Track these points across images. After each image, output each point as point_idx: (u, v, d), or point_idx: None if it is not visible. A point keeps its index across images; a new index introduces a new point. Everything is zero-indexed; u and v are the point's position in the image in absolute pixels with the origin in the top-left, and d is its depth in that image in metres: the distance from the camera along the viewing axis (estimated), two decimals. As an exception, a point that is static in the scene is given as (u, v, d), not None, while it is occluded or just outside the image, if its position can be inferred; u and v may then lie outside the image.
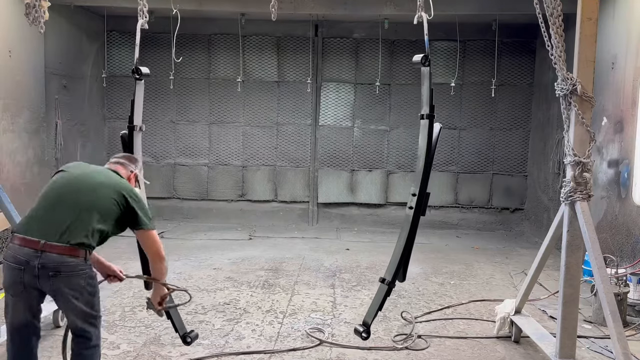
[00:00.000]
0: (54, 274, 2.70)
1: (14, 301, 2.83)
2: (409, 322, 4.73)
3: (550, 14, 3.46)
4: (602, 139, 6.22)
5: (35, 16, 3.73)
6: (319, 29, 9.19)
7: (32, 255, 2.70)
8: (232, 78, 9.18)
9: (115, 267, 3.32)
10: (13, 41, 6.57)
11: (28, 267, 2.70)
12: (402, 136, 9.31)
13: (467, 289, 5.84)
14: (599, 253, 3.48)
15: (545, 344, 3.86)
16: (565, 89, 3.56)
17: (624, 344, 3.24)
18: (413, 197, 3.30)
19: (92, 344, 2.92)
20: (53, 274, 2.70)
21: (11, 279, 2.77)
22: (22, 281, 2.74)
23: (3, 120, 6.42)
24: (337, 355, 4.06)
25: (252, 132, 9.45)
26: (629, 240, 5.55)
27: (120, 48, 9.27)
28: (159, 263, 3.12)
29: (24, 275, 2.72)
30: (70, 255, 2.73)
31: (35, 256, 2.69)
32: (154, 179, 9.30)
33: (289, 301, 5.25)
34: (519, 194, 9.30)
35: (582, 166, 3.58)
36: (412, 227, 3.27)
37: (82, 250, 2.77)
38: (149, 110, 9.19)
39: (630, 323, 4.69)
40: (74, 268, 2.75)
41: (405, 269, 3.35)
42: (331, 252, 7.40)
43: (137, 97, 3.38)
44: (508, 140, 9.29)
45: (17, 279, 2.74)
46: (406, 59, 8.99)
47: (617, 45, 6.00)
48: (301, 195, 9.47)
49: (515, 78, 9.13)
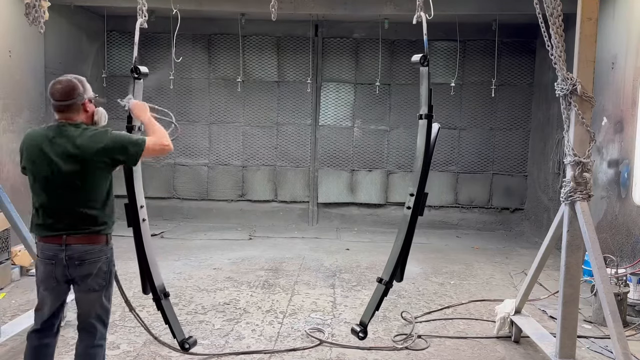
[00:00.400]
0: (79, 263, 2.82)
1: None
2: (409, 322, 4.73)
3: (550, 14, 3.46)
4: (602, 139, 6.22)
5: (35, 16, 3.73)
6: (319, 29, 9.19)
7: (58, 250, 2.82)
8: (232, 78, 9.18)
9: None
10: (13, 41, 6.57)
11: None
12: (402, 136, 9.31)
13: (467, 289, 5.84)
14: (599, 253, 3.48)
15: (545, 344, 3.86)
16: (565, 89, 3.56)
17: (624, 344, 3.24)
18: (411, 197, 3.30)
19: (98, 344, 2.95)
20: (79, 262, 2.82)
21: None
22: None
23: (3, 120, 6.42)
24: (337, 355, 4.06)
25: (252, 132, 9.45)
26: (629, 240, 5.55)
27: (120, 48, 9.27)
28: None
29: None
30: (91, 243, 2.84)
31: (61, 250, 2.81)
32: (154, 179, 9.31)
33: (289, 301, 5.25)
34: (519, 194, 9.30)
35: (582, 166, 3.58)
36: (410, 227, 3.27)
37: (102, 236, 2.87)
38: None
39: (630, 323, 4.69)
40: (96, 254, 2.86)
41: (403, 269, 3.35)
42: (331, 252, 7.40)
43: (136, 96, 3.37)
44: (508, 140, 9.29)
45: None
46: (406, 59, 8.98)
47: (617, 45, 6.00)
48: (301, 195, 9.47)
49: (515, 78, 9.13)
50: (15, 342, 4.07)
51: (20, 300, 5.10)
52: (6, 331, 3.89)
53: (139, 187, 3.36)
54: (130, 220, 3.32)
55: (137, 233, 3.34)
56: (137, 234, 3.33)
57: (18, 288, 5.48)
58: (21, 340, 4.14)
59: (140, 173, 3.39)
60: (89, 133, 2.81)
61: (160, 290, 3.42)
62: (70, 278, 2.86)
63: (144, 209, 3.40)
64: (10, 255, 5.63)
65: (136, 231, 3.33)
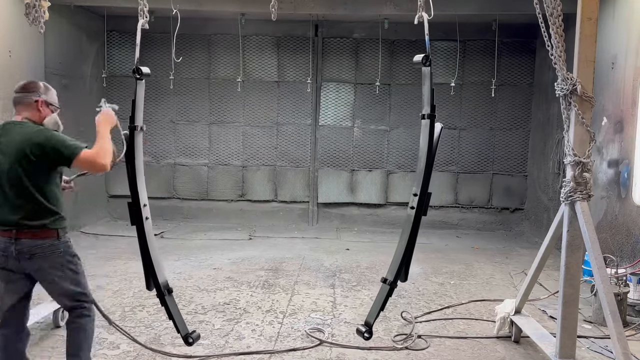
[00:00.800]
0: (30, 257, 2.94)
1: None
2: (409, 322, 4.73)
3: (550, 14, 3.46)
4: (602, 139, 6.22)
5: (35, 16, 3.73)
6: (319, 29, 9.19)
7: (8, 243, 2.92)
8: (232, 78, 9.18)
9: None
10: (13, 41, 6.57)
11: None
12: (402, 136, 9.31)
13: (467, 289, 5.84)
14: (599, 253, 3.48)
15: (545, 344, 3.86)
16: (565, 89, 3.56)
17: (624, 344, 3.24)
18: (414, 197, 3.30)
19: (86, 314, 3.08)
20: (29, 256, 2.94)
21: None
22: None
23: (2, 121, 6.41)
24: (337, 355, 4.06)
25: (252, 132, 9.45)
26: (629, 240, 5.55)
27: (120, 48, 9.27)
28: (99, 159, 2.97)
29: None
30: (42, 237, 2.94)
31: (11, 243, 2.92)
32: (154, 179, 9.32)
33: (289, 301, 5.26)
34: (519, 194, 9.30)
35: (582, 166, 3.58)
36: (414, 227, 3.27)
37: (52, 230, 2.96)
38: (149, 110, 9.19)
39: (630, 323, 4.69)
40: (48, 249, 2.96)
41: (407, 269, 3.35)
42: (331, 252, 7.40)
43: (138, 97, 3.37)
44: (508, 140, 9.29)
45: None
46: (406, 59, 9.00)
47: (617, 45, 6.00)
48: (301, 195, 9.48)
49: (515, 78, 9.13)
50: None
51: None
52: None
53: (141, 185, 3.37)
54: (134, 219, 3.34)
55: (140, 231, 3.35)
56: (141, 231, 3.35)
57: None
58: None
59: (142, 172, 3.40)
60: (31, 129, 2.96)
61: (164, 286, 3.43)
62: (26, 272, 2.99)
63: (146, 207, 3.41)
64: None
65: (139, 229, 3.34)
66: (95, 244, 7.58)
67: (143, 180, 3.42)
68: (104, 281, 5.75)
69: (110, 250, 7.20)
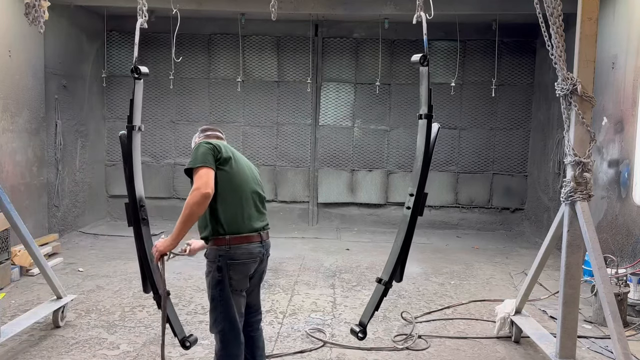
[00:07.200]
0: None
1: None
2: (409, 322, 4.72)
3: (550, 13, 3.46)
4: (602, 139, 6.22)
5: (35, 16, 3.72)
6: (319, 29, 9.18)
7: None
8: (232, 78, 9.18)
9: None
10: (13, 41, 6.57)
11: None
12: (402, 136, 9.31)
13: (467, 289, 5.84)
14: (599, 253, 3.47)
15: (546, 344, 3.86)
16: (566, 88, 3.56)
17: (624, 344, 3.23)
18: (411, 197, 3.28)
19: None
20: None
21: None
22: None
23: (3, 120, 6.41)
24: (337, 355, 4.05)
25: (252, 132, 9.45)
26: (629, 240, 5.55)
27: (120, 48, 9.27)
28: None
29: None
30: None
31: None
32: (154, 179, 9.31)
33: (289, 301, 5.25)
34: (519, 194, 9.30)
35: (583, 166, 3.58)
36: (410, 228, 3.26)
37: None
38: (149, 110, 9.20)
39: (631, 323, 4.69)
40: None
41: (403, 269, 3.33)
42: (331, 252, 7.40)
43: (136, 96, 3.36)
44: (508, 140, 9.28)
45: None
46: (406, 59, 8.99)
47: (617, 45, 6.00)
48: (301, 195, 9.47)
49: (515, 78, 9.13)
50: (14, 343, 4.08)
51: (20, 300, 5.10)
52: (6, 331, 3.88)
53: (139, 186, 3.35)
54: (131, 220, 3.31)
55: (137, 232, 3.32)
56: (138, 233, 3.32)
57: (18, 288, 5.47)
58: (20, 340, 4.15)
59: (140, 172, 3.38)
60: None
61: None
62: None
63: (144, 208, 3.39)
64: (10, 255, 5.62)
65: (137, 230, 3.32)
66: (95, 244, 7.58)
67: (141, 181, 3.40)
68: (104, 281, 5.74)
69: (110, 250, 7.20)
